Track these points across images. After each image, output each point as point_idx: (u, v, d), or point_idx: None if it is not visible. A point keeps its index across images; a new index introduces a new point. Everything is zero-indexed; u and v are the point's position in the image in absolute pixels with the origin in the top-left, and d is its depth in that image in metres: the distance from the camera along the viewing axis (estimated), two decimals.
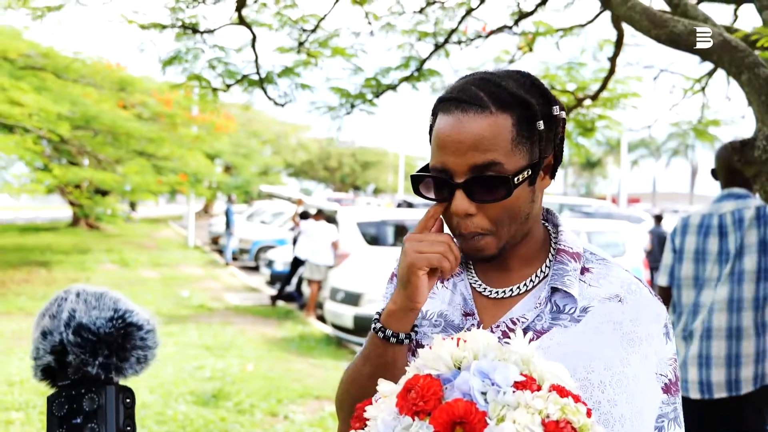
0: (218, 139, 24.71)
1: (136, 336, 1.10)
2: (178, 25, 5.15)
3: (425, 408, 1.00)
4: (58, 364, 1.08)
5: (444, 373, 1.05)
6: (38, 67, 15.44)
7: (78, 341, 1.06)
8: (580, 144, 6.34)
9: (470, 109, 1.26)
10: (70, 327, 1.07)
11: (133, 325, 1.10)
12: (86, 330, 1.06)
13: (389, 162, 54.93)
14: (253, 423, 6.33)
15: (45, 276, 15.46)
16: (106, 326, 1.07)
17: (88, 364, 1.06)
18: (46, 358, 1.08)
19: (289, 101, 5.48)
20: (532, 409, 0.98)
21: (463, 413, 0.97)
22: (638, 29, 2.99)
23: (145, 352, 1.11)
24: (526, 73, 1.34)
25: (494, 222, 1.30)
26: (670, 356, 1.35)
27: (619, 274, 1.38)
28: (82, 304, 1.09)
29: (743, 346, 3.26)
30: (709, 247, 3.42)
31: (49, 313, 1.10)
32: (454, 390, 1.02)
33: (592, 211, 20.64)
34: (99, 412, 1.05)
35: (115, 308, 1.10)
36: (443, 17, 5.47)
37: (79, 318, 1.07)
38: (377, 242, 12.92)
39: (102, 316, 1.08)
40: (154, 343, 1.12)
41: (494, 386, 1.01)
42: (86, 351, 1.06)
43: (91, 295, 1.10)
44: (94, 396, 1.05)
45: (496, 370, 1.02)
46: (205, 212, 39.79)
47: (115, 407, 1.06)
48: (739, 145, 2.82)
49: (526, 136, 1.28)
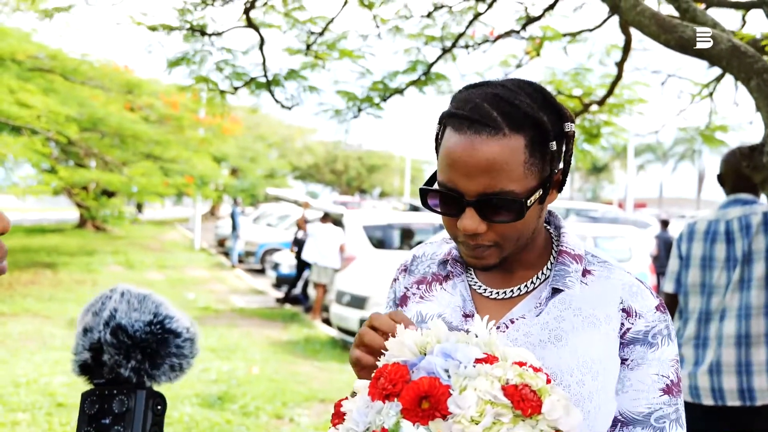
0: (225, 142, 24.76)
1: (172, 343, 1.10)
2: (186, 27, 5.16)
3: (394, 391, 1.05)
4: (95, 362, 1.09)
5: (410, 359, 1.09)
6: (46, 69, 15.49)
7: (114, 342, 1.07)
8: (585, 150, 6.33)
9: (483, 131, 1.24)
10: (109, 326, 1.08)
11: (171, 331, 1.10)
12: (123, 331, 1.07)
13: (395, 165, 54.98)
14: (258, 425, 6.33)
15: (51, 277, 15.49)
16: (143, 330, 1.08)
17: (121, 366, 1.07)
18: (84, 354, 1.09)
19: (296, 104, 5.49)
20: (492, 376, 1.03)
21: (428, 388, 1.02)
22: (647, 34, 2.98)
23: (180, 360, 1.11)
24: (539, 87, 1.33)
25: (502, 237, 1.31)
26: (672, 357, 1.35)
27: (620, 277, 1.39)
28: (124, 305, 1.10)
29: (753, 354, 3.23)
30: (716, 253, 3.39)
31: (93, 310, 1.11)
32: (420, 372, 1.06)
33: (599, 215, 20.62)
34: (127, 415, 1.05)
35: (156, 312, 1.10)
36: (451, 21, 5.47)
37: (119, 318, 1.08)
38: (383, 245, 12.93)
39: (141, 319, 1.09)
40: (191, 352, 1.13)
41: (456, 362, 1.06)
42: (120, 353, 1.07)
43: (135, 297, 1.11)
44: (124, 399, 1.06)
45: (458, 350, 1.07)
46: (212, 215, 39.83)
47: (143, 412, 1.06)
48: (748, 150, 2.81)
49: (539, 156, 1.27)
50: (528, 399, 1.01)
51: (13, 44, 14.04)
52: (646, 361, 1.33)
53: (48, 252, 19.58)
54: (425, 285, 1.49)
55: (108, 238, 25.41)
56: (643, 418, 1.32)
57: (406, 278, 1.54)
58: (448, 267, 1.47)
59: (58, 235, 25.29)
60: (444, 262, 1.49)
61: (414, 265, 1.55)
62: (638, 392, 1.33)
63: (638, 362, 1.33)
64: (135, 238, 26.24)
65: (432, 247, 1.56)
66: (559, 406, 1.03)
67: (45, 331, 9.97)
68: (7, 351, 8.76)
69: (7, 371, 7.73)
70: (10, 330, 10.02)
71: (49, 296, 13.05)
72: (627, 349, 1.34)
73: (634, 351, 1.34)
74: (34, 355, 8.51)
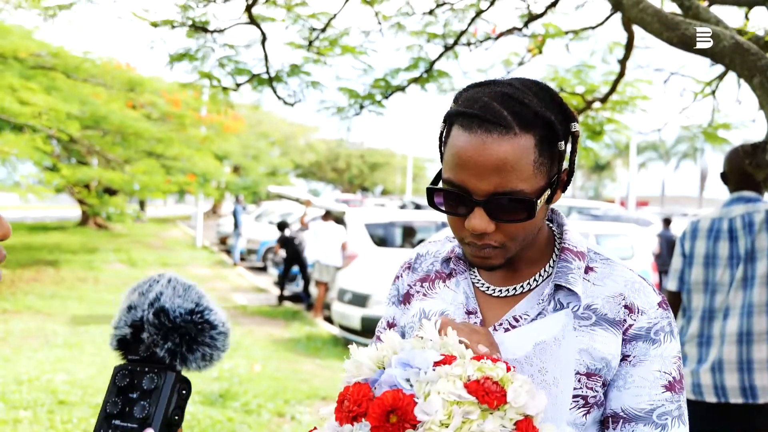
0: (227, 139, 24.77)
1: (208, 333, 1.14)
2: (189, 23, 5.15)
3: (360, 411, 1.05)
4: (133, 338, 1.14)
5: (370, 376, 1.10)
6: (48, 67, 15.48)
7: (155, 322, 1.11)
8: (588, 147, 6.33)
9: (494, 130, 1.23)
10: (153, 307, 1.12)
11: (209, 322, 1.14)
12: (165, 314, 1.12)
13: (397, 163, 54.94)
14: (260, 423, 6.33)
15: (53, 275, 15.51)
16: (184, 317, 1.12)
17: (158, 345, 1.11)
18: (125, 330, 1.14)
19: (298, 101, 5.49)
20: (452, 376, 1.02)
21: (393, 401, 1.02)
22: (650, 32, 2.97)
23: (212, 350, 1.15)
24: (545, 86, 1.32)
25: (509, 238, 1.30)
26: (674, 354, 1.35)
27: (623, 274, 1.39)
28: (170, 290, 1.14)
29: (755, 351, 3.22)
30: (720, 251, 3.38)
31: (140, 290, 1.16)
32: (382, 387, 1.06)
33: (601, 214, 20.60)
34: (155, 393, 1.09)
35: (198, 302, 1.15)
36: (453, 19, 5.46)
37: (164, 302, 1.13)
38: (385, 243, 12.92)
39: (184, 306, 1.13)
40: (223, 345, 1.16)
41: (415, 369, 1.05)
42: (159, 333, 1.11)
43: (181, 285, 1.16)
44: (155, 377, 1.10)
45: (416, 356, 1.07)
46: (214, 213, 39.85)
47: (170, 393, 1.10)
48: (751, 148, 2.80)
49: (548, 156, 1.27)
50: (492, 391, 1.01)
51: (15, 42, 14.04)
52: (649, 358, 1.33)
53: (50, 250, 19.61)
54: (428, 283, 1.50)
55: (110, 236, 25.44)
56: (645, 414, 1.32)
57: (409, 276, 1.55)
58: (451, 265, 1.48)
59: (60, 233, 25.33)
60: (447, 260, 1.49)
61: (417, 263, 1.55)
62: (640, 389, 1.32)
63: (640, 359, 1.33)
64: (137, 235, 26.27)
65: (435, 246, 1.56)
66: (522, 392, 1.03)
67: (47, 329, 9.98)
68: (9, 348, 8.77)
69: (10, 369, 7.73)
70: (13, 327, 10.03)
71: (51, 294, 13.06)
72: (629, 346, 1.33)
73: (636, 347, 1.33)
74: (36, 353, 8.52)
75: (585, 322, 1.34)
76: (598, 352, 1.32)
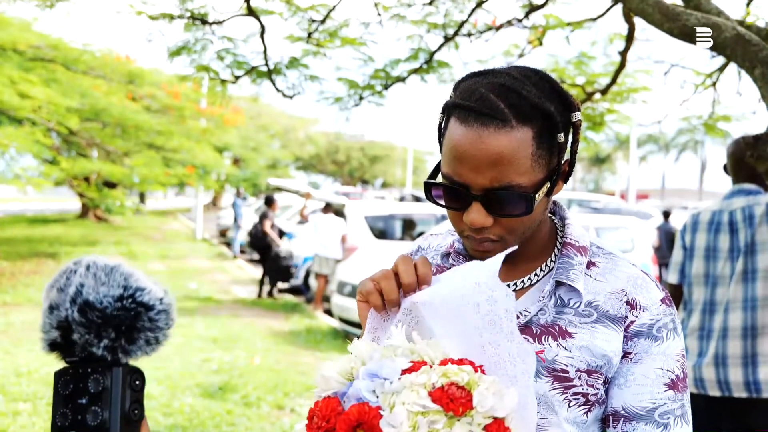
0: (227, 132, 24.71)
1: (145, 317, 1.03)
2: (187, 15, 5.13)
3: (329, 427, 1.03)
4: (65, 340, 1.03)
5: (340, 389, 1.07)
6: (47, 59, 15.44)
7: (83, 321, 1.01)
8: (589, 138, 6.32)
9: (491, 124, 1.21)
10: (76, 304, 1.01)
11: (142, 305, 1.03)
12: (92, 309, 1.01)
13: (397, 156, 54.90)
14: (259, 416, 6.33)
15: (53, 267, 15.46)
16: (114, 306, 1.01)
17: (93, 345, 1.01)
18: (53, 333, 1.03)
19: (297, 93, 5.46)
20: (417, 386, 1.00)
21: (358, 415, 1.00)
22: (650, 22, 2.95)
23: (155, 333, 1.04)
24: (544, 75, 1.30)
25: (508, 231, 1.28)
26: (678, 352, 1.33)
27: (625, 269, 1.37)
28: (90, 279, 1.02)
29: (759, 345, 3.21)
30: (720, 244, 3.37)
31: (57, 286, 1.04)
32: (350, 400, 1.04)
33: (601, 206, 20.60)
34: (104, 394, 1.00)
35: (126, 285, 1.03)
36: (453, 9, 5.44)
37: (86, 294, 1.01)
38: (385, 236, 12.91)
39: (110, 294, 1.02)
40: (167, 323, 1.06)
41: (381, 380, 1.03)
42: (90, 331, 1.01)
43: (102, 270, 1.03)
44: (100, 378, 1.00)
45: (384, 366, 1.04)
46: (214, 205, 39.84)
47: (121, 390, 1.01)
48: (752, 140, 2.79)
49: (546, 148, 1.25)
50: (457, 398, 0.98)
51: (14, 34, 14.00)
52: (651, 355, 1.31)
53: (50, 242, 19.61)
54: None
55: (110, 229, 25.44)
56: (646, 413, 1.29)
57: None
58: (450, 260, 1.45)
59: (60, 225, 25.32)
60: (446, 255, 1.47)
61: (418, 255, 1.53)
62: (642, 387, 1.30)
63: (642, 356, 1.31)
64: (137, 228, 26.27)
65: (437, 239, 1.54)
66: (488, 395, 1.00)
67: None
68: (9, 341, 8.77)
69: (9, 361, 7.73)
70: (13, 320, 10.04)
71: None
72: (630, 343, 1.31)
73: (637, 344, 1.31)
74: (36, 345, 8.49)
75: (586, 319, 1.32)
76: (599, 349, 1.30)
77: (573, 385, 1.29)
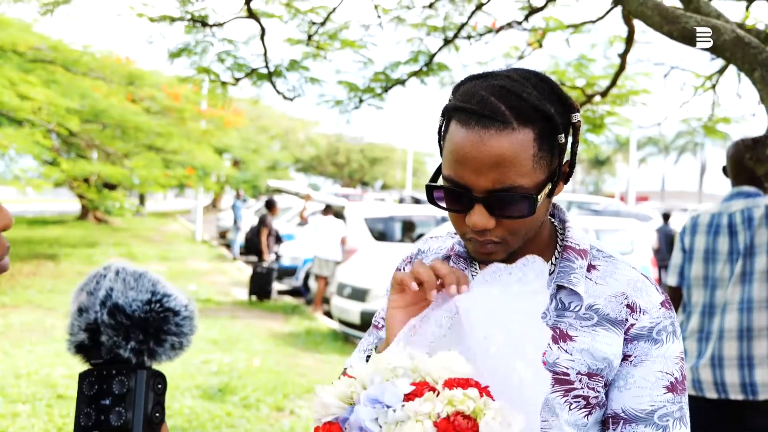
0: (227, 133, 24.72)
1: (171, 322, 1.07)
2: (188, 18, 5.14)
3: None
4: (92, 342, 1.05)
5: (341, 414, 1.05)
6: (47, 61, 15.44)
7: (112, 323, 1.03)
8: (589, 141, 6.32)
9: (491, 126, 1.21)
10: (106, 306, 1.04)
11: (169, 310, 1.07)
12: (121, 312, 1.04)
13: (397, 158, 54.90)
14: (259, 418, 6.33)
15: (53, 269, 15.50)
16: (142, 309, 1.04)
17: (120, 347, 1.04)
18: (81, 335, 1.06)
19: (297, 95, 5.47)
20: (421, 415, 0.97)
21: None
22: (650, 25, 2.96)
23: (180, 338, 1.08)
24: (544, 77, 1.30)
25: (511, 233, 1.29)
26: (677, 354, 1.33)
27: (626, 272, 1.38)
28: (120, 284, 1.05)
29: (755, 347, 3.21)
30: (719, 246, 3.38)
31: (87, 289, 1.07)
32: (352, 428, 1.01)
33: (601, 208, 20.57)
34: (128, 396, 1.03)
35: (153, 290, 1.07)
36: (453, 12, 5.45)
37: (116, 298, 1.04)
38: (385, 238, 12.91)
39: (139, 298, 1.05)
40: (190, 329, 1.09)
41: (384, 408, 1.00)
42: (119, 334, 1.04)
43: (131, 275, 1.07)
44: (125, 379, 1.03)
45: (386, 391, 1.01)
46: (213, 207, 39.83)
47: (144, 393, 1.03)
48: (751, 142, 2.79)
49: (547, 149, 1.25)
50: (463, 429, 0.96)
51: (14, 35, 14.00)
52: (650, 358, 1.31)
53: (50, 243, 19.60)
54: None
55: (110, 230, 25.44)
56: (646, 415, 1.30)
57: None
58: (450, 263, 1.46)
59: (59, 227, 25.31)
60: (447, 258, 1.47)
61: (419, 258, 1.54)
62: (641, 389, 1.31)
63: (642, 359, 1.31)
64: (137, 230, 26.26)
65: (437, 242, 1.55)
66: (495, 424, 0.97)
67: (46, 323, 9.98)
68: (8, 342, 8.76)
69: (9, 362, 7.73)
70: (12, 321, 10.03)
71: (50, 288, 13.06)
72: (630, 346, 1.32)
73: (637, 347, 1.32)
74: (35, 347, 8.51)
75: (587, 322, 1.32)
76: (600, 352, 1.30)
77: (574, 388, 1.30)
